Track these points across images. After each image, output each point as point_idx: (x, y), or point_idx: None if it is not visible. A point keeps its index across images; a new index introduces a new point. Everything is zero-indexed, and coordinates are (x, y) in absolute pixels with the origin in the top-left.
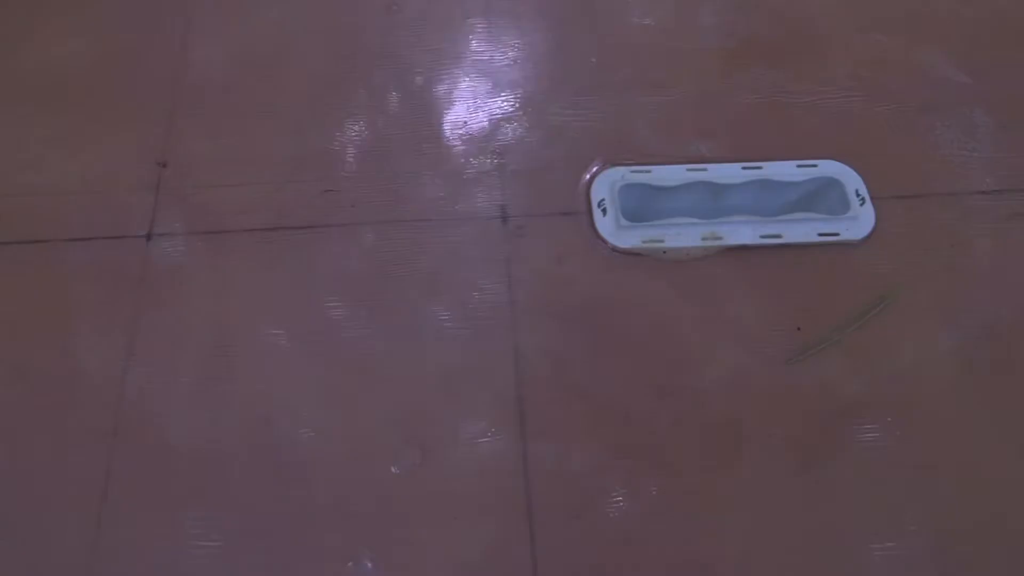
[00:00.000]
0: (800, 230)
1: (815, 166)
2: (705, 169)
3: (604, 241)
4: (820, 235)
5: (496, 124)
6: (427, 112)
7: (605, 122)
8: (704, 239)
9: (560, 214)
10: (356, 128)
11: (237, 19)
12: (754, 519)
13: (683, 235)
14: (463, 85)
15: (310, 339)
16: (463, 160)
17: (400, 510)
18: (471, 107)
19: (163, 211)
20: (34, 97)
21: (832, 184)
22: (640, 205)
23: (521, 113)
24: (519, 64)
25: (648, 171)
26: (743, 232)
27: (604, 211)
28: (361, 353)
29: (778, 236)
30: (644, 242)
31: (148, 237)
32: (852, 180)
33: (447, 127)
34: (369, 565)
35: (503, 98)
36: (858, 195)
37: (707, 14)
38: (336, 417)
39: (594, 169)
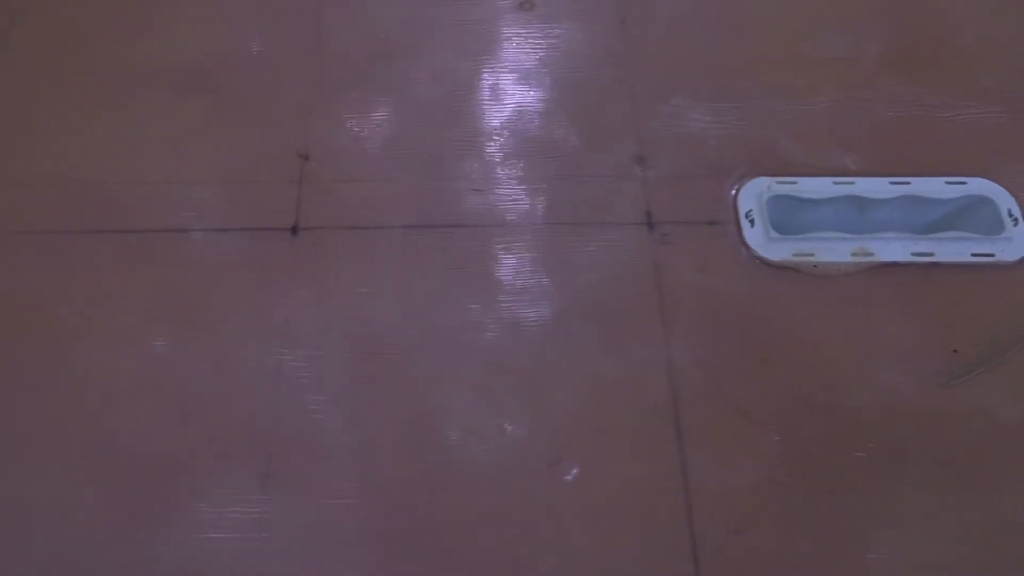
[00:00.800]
0: (953, 249)
1: (964, 183)
2: (853, 183)
3: (753, 252)
4: (974, 255)
5: (636, 128)
6: (565, 113)
7: (745, 130)
8: (854, 254)
9: (705, 223)
10: (494, 126)
11: (371, 12)
12: (908, 542)
13: (833, 250)
14: (601, 87)
15: (460, 339)
16: (605, 164)
17: (557, 521)
18: (610, 110)
19: (307, 204)
20: (173, 86)
21: (983, 203)
22: (784, 217)
23: (661, 118)
24: (657, 67)
25: (794, 182)
26: (894, 249)
27: (752, 222)
28: (510, 358)
29: (930, 254)
30: (794, 255)
31: (294, 230)
32: (1004, 199)
33: (587, 129)
34: None
35: (642, 102)
36: (1011, 215)
37: (844, 21)
38: (491, 421)
39: (738, 178)
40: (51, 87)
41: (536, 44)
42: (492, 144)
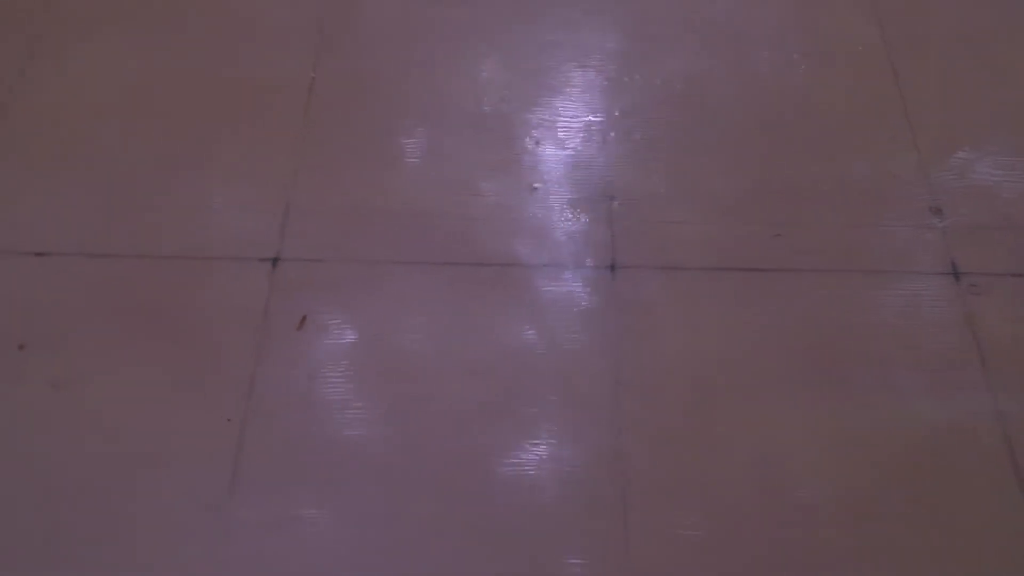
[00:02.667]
0: None
1: None
2: None
3: None
4: None
5: (926, 179)
6: (854, 161)
7: None
8: None
9: (1012, 274)
10: (790, 172)
11: (673, 53)
12: None
13: None
14: (885, 136)
15: (789, 380)
16: (900, 214)
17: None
18: (898, 159)
19: (621, 244)
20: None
21: None
22: None
23: (950, 169)
24: (937, 117)
25: None
26: None
27: None
28: (836, 402)
29: None
30: None
31: (612, 268)
32: None
33: (878, 179)
34: None
35: (928, 152)
36: None
37: None
38: (830, 466)
39: None
40: None
41: (813, 90)
42: (784, 191)
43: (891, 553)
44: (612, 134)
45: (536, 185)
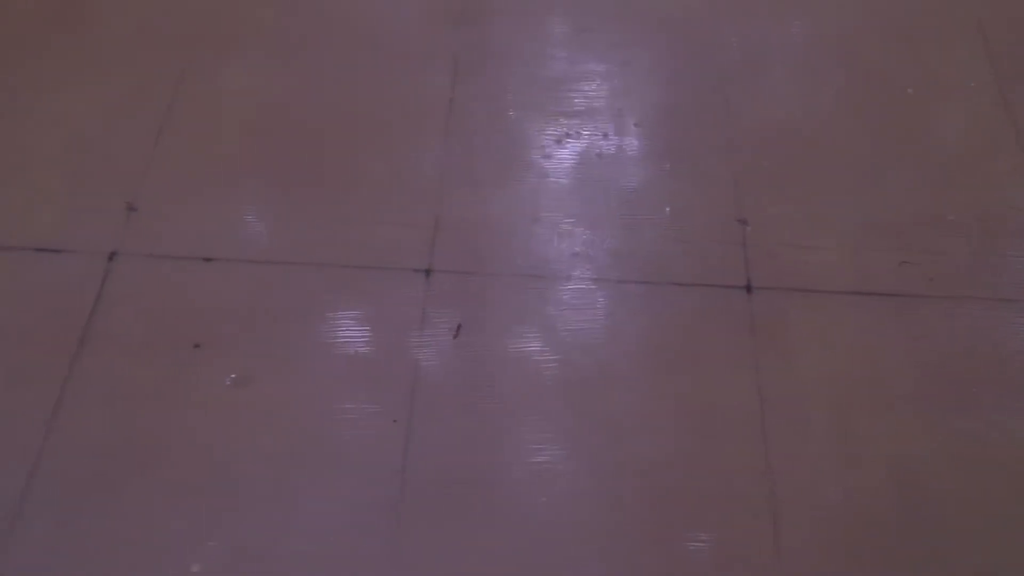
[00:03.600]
0: None
1: None
2: None
3: None
4: None
5: None
6: (971, 190)
7: None
8: None
9: None
10: (913, 202)
11: (781, 92)
12: None
13: None
14: (1010, 163)
15: (919, 406)
16: None
17: None
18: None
19: (755, 266)
20: None
21: None
22: None
23: None
24: None
25: None
26: None
27: None
28: (958, 427)
29: None
30: None
31: (748, 288)
32: None
33: (1001, 207)
34: None
35: None
36: None
37: None
38: (963, 482)
39: None
40: None
41: (929, 122)
42: (909, 220)
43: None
44: (743, 161)
45: (667, 208)
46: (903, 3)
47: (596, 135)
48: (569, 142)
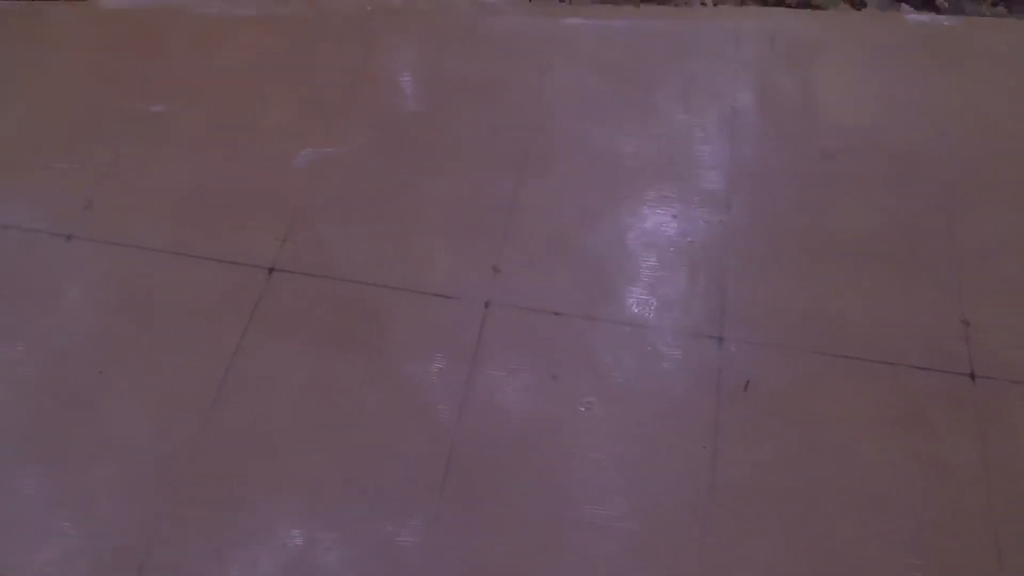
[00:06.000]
0: None
1: None
2: None
3: None
4: None
5: None
6: None
7: None
8: None
9: None
10: None
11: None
12: None
13: None
14: None
15: None
16: None
17: None
18: None
19: (977, 358)
20: (851, 254)
21: None
22: None
23: None
24: None
25: None
26: None
27: None
28: None
29: None
30: None
31: (971, 376)
32: None
33: None
34: None
35: None
36: None
37: None
38: None
39: None
40: None
41: None
42: None
43: None
44: (969, 266)
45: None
46: None
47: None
48: None
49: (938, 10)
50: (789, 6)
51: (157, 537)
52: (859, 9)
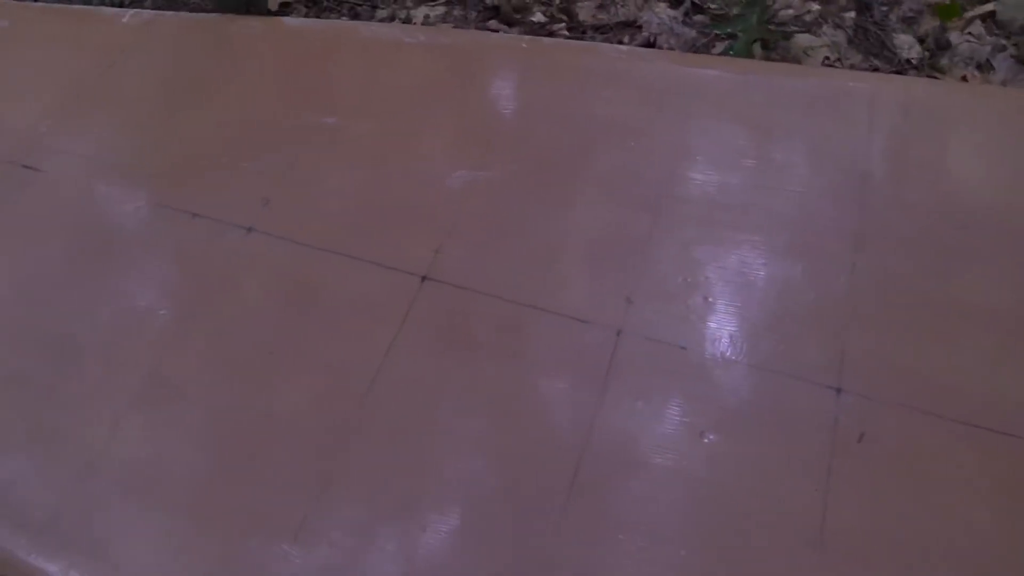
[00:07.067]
0: None
1: None
2: None
3: None
4: None
5: None
6: None
7: None
8: None
9: None
10: None
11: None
12: None
13: None
14: None
15: None
16: None
17: None
18: None
19: None
20: (977, 323)
21: None
22: None
23: None
24: None
25: None
26: None
27: None
28: None
29: None
30: None
31: None
32: None
33: None
34: None
35: None
36: None
37: None
38: None
39: None
40: None
41: None
42: None
43: None
44: None
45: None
46: None
47: None
48: None
49: None
50: (919, 71)
51: (311, 507)
52: (986, 72)
